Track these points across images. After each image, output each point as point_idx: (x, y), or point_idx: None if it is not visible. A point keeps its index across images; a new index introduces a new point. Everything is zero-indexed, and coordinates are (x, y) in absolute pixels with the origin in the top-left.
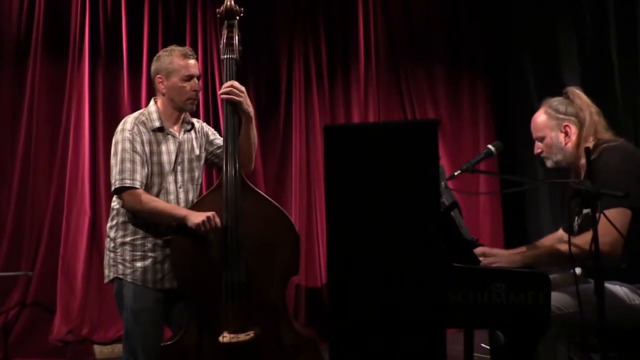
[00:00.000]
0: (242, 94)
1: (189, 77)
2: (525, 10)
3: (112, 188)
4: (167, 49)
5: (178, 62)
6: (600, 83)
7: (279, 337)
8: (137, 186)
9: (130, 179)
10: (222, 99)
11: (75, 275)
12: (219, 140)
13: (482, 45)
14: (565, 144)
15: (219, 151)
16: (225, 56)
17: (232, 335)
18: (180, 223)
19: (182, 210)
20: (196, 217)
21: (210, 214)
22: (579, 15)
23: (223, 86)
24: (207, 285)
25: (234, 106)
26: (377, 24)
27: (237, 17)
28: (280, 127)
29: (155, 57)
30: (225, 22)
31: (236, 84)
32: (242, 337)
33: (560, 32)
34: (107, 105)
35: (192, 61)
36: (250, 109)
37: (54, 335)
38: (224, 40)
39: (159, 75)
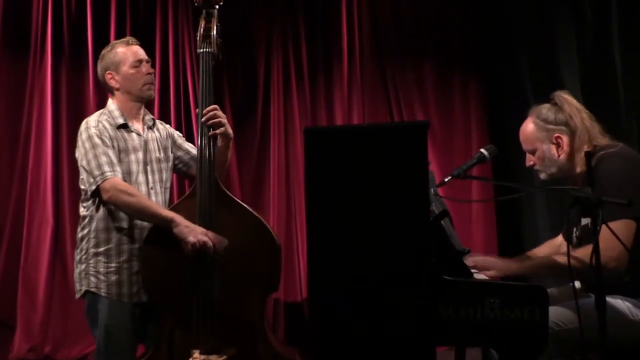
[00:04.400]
0: (224, 120)
1: (139, 62)
2: (522, 6)
3: (94, 187)
4: (108, 45)
5: (122, 52)
6: (601, 84)
7: None
8: (119, 177)
9: (111, 171)
10: (207, 130)
11: (37, 288)
12: (187, 146)
13: (475, 42)
14: (559, 155)
15: (186, 157)
16: (202, 50)
17: (203, 357)
18: (163, 225)
19: (167, 212)
20: (190, 233)
21: (207, 238)
22: (580, 12)
23: (205, 111)
24: (178, 301)
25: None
26: (362, 19)
27: (217, 6)
28: (257, 130)
29: (99, 58)
30: (204, 11)
31: (219, 111)
32: (214, 358)
33: (559, 30)
34: (71, 106)
35: (135, 47)
36: (230, 131)
37: (13, 353)
38: (201, 32)
39: (108, 72)
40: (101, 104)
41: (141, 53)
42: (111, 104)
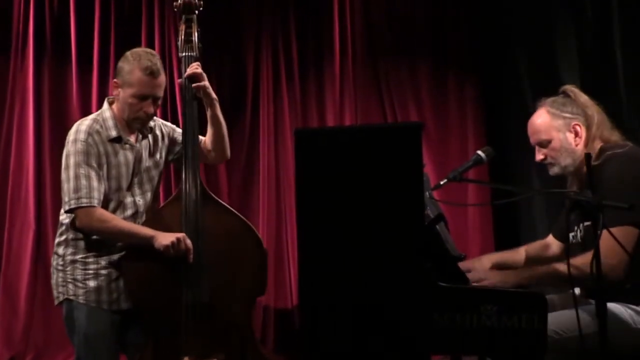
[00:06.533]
0: (205, 78)
1: (143, 98)
2: (521, 5)
3: (67, 207)
4: (137, 52)
5: (138, 76)
6: (602, 84)
7: None
8: (95, 205)
9: (87, 198)
10: (184, 88)
11: (19, 295)
12: None
13: (472, 42)
14: (576, 145)
15: None
16: (184, 54)
17: None
18: (145, 244)
19: (147, 230)
20: (164, 239)
21: (180, 235)
22: (579, 9)
23: (188, 68)
24: (164, 306)
25: (193, 109)
26: (354, 16)
27: (197, 11)
28: (246, 132)
29: (123, 55)
30: (183, 16)
31: (200, 69)
32: None
33: (559, 30)
34: (54, 107)
35: (153, 80)
36: (211, 91)
37: None
38: (182, 37)
39: (115, 80)
40: (84, 104)
41: (152, 89)
42: (107, 109)
